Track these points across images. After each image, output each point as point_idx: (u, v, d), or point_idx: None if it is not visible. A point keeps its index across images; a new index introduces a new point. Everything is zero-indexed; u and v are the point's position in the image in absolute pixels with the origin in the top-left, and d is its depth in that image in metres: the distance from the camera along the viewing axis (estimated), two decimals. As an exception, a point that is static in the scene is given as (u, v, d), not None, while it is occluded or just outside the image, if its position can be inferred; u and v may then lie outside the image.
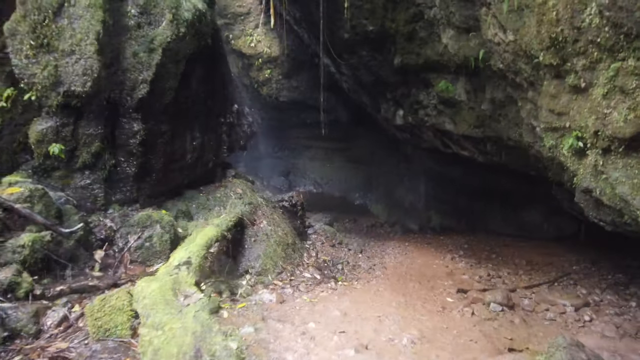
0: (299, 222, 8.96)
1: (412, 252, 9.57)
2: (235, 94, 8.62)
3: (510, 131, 6.97)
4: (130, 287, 3.13)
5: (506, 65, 6.14)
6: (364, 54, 9.13)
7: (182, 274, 3.20)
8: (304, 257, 7.13)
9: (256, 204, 6.77)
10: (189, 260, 3.54)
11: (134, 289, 3.12)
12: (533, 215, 10.35)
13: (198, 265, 3.66)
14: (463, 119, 7.94)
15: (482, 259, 8.63)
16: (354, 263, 7.69)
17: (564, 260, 8.20)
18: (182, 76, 5.71)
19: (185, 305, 2.67)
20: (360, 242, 11.07)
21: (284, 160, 18.71)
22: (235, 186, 6.63)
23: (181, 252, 3.83)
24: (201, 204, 6.06)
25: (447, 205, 12.07)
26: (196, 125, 6.14)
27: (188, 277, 3.17)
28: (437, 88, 7.97)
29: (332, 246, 9.19)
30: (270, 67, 11.65)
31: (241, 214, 5.72)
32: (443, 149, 9.83)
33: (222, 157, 7.03)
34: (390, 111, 10.09)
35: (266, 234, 6.14)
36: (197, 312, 2.60)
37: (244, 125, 8.54)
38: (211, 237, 4.37)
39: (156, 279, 3.13)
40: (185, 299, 2.76)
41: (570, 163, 4.97)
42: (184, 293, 2.82)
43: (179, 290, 2.85)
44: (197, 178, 6.37)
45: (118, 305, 2.88)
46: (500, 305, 5.02)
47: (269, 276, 5.64)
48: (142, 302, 2.86)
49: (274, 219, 6.90)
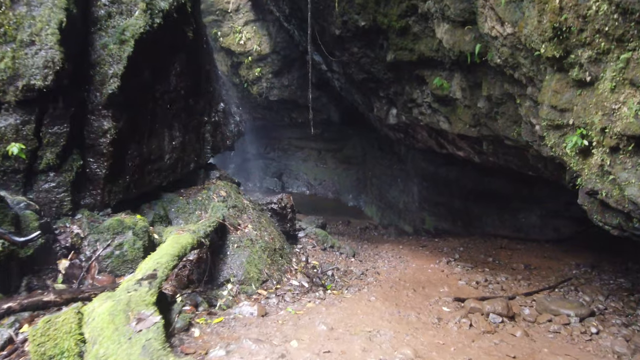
0: (289, 225, 8.54)
1: (406, 256, 9.18)
2: (222, 92, 8.18)
3: (507, 130, 6.60)
4: (82, 306, 2.70)
5: (504, 60, 5.77)
6: (355, 51, 8.74)
7: (141, 290, 2.77)
8: (293, 263, 6.71)
9: (241, 207, 6.34)
10: (154, 274, 3.12)
11: (86, 308, 2.69)
12: (530, 217, 10.00)
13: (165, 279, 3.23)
14: (458, 117, 7.56)
15: (478, 263, 8.25)
16: (345, 268, 7.28)
17: (562, 264, 7.84)
18: (159, 71, 5.28)
19: (137, 331, 2.25)
20: (353, 245, 10.67)
21: (276, 161, 18.30)
22: (219, 189, 6.20)
23: (149, 262, 3.41)
24: (181, 208, 5.63)
25: (441, 207, 11.70)
26: (176, 124, 5.70)
27: (147, 295, 2.74)
28: (432, 85, 7.59)
29: (324, 250, 8.78)
30: (260, 65, 11.23)
31: (223, 219, 5.29)
32: (438, 149, 9.45)
33: (205, 158, 6.59)
34: (383, 110, 9.70)
35: (251, 240, 5.71)
36: (148, 340, 2.18)
37: (231, 125, 8.11)
38: (185, 245, 3.94)
39: (111, 297, 2.71)
40: (138, 323, 2.34)
41: (574, 163, 4.60)
42: (138, 315, 2.39)
43: (132, 312, 2.42)
44: (178, 180, 5.93)
45: (65, 329, 2.44)
46: (500, 316, 4.63)
47: (253, 285, 5.21)
48: (91, 325, 2.43)
49: (260, 223, 6.47)
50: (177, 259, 3.66)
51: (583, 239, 9.24)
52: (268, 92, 11.66)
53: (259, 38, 10.94)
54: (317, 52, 10.34)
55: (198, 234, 4.38)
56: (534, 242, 9.66)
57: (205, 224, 4.66)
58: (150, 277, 3.07)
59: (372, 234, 13.20)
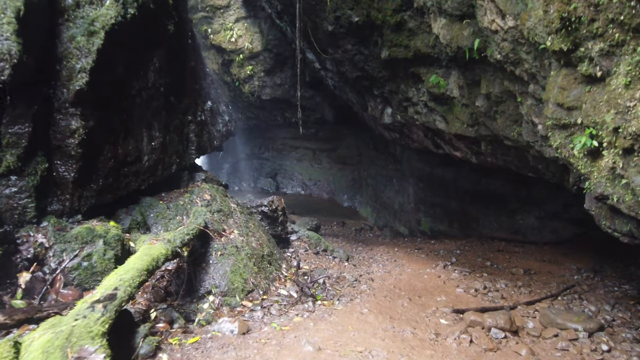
0: (280, 228, 8.11)
1: (401, 259, 8.76)
2: (209, 90, 7.73)
3: (507, 130, 6.19)
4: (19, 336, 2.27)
5: (504, 56, 5.36)
6: (349, 48, 8.30)
7: (90, 318, 2.32)
8: (282, 269, 6.28)
9: (227, 211, 5.90)
10: (114, 294, 2.68)
11: (26, 338, 2.26)
12: (528, 219, 9.60)
13: (127, 300, 2.79)
14: (456, 116, 7.14)
15: (476, 267, 7.85)
16: (338, 274, 6.86)
17: (563, 268, 7.45)
18: (135, 66, 4.82)
19: (73, 374, 1.84)
20: (347, 247, 10.25)
21: (271, 162, 17.84)
22: (203, 192, 5.75)
23: (112, 279, 2.98)
24: (160, 213, 5.17)
25: (438, 208, 11.30)
26: (155, 123, 5.25)
27: (96, 325, 2.29)
28: (428, 83, 7.17)
29: (316, 254, 8.35)
30: (251, 63, 10.77)
31: (205, 225, 4.84)
32: (434, 149, 9.04)
33: (189, 159, 6.14)
34: (378, 109, 9.28)
35: (236, 247, 5.27)
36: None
37: (219, 125, 7.65)
38: (157, 257, 3.51)
39: (55, 325, 2.27)
40: (77, 363, 1.91)
41: (581, 165, 4.20)
42: (79, 353, 1.97)
43: (72, 349, 1.99)
44: (158, 183, 5.48)
45: (-4, 366, 2.02)
46: (502, 331, 4.21)
47: (237, 296, 4.78)
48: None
49: (248, 228, 6.03)
50: (145, 274, 3.22)
51: (582, 242, 8.87)
52: (260, 91, 11.21)
53: (250, 35, 10.48)
54: (310, 49, 9.90)
55: (173, 243, 3.94)
56: (532, 245, 9.28)
57: (183, 232, 4.22)
58: (108, 298, 2.63)
59: (367, 236, 12.78)
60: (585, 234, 9.02)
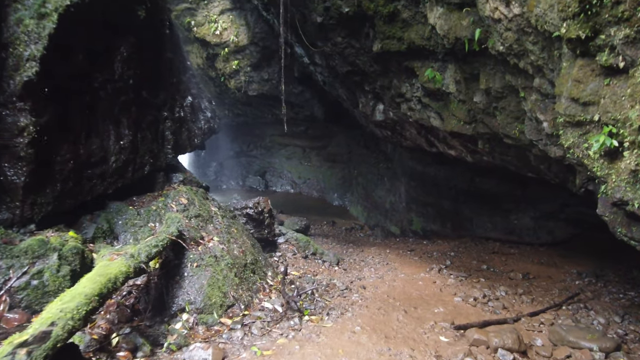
0: (267, 231, 7.55)
1: (393, 262, 8.27)
2: (190, 85, 7.10)
3: (508, 127, 5.70)
4: None
5: (508, 47, 4.85)
6: (339, 41, 7.73)
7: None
8: (268, 277, 5.73)
9: (207, 216, 5.31)
10: (48, 332, 2.10)
11: None
12: (523, 219, 9.19)
13: (66, 337, 2.22)
14: (452, 113, 6.64)
15: (472, 271, 7.39)
16: (328, 281, 6.33)
17: (563, 272, 7.02)
18: (97, 55, 4.20)
19: None
20: (337, 249, 9.73)
21: (260, 159, 17.21)
22: (180, 195, 5.15)
23: (52, 309, 2.40)
24: (130, 220, 4.57)
25: (430, 208, 10.83)
26: (124, 119, 4.64)
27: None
28: (422, 78, 6.65)
29: (305, 258, 7.82)
30: (237, 57, 10.13)
31: (178, 233, 4.26)
32: (428, 148, 8.55)
33: (165, 159, 5.53)
34: (369, 106, 8.74)
35: (215, 256, 4.70)
36: None
37: (200, 122, 7.04)
38: (114, 277, 2.93)
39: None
40: None
41: (597, 167, 3.72)
42: None
43: None
44: (128, 186, 4.87)
45: None
46: (510, 352, 3.72)
47: (215, 313, 4.21)
48: None
49: (230, 234, 5.46)
50: (97, 301, 2.64)
51: (579, 243, 8.47)
52: (247, 87, 10.57)
53: (236, 28, 9.84)
54: (299, 43, 9.31)
55: (137, 258, 3.35)
56: (528, 246, 8.87)
57: (149, 244, 3.63)
58: (39, 339, 2.05)
59: (357, 236, 12.27)
60: (581, 234, 8.62)
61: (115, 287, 2.97)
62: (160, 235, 3.92)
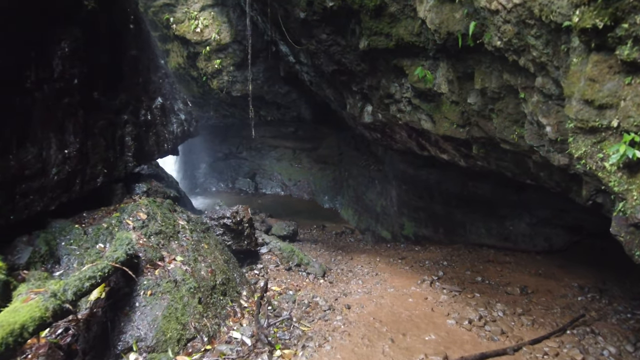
0: (247, 242, 6.88)
1: (383, 272, 7.64)
2: (163, 84, 6.42)
3: (505, 131, 5.07)
4: None
5: (506, 42, 4.21)
6: (323, 38, 7.07)
7: None
8: (242, 298, 5.07)
9: (171, 232, 4.64)
10: None
11: None
12: (518, 225, 8.58)
13: None
14: (444, 115, 6.00)
15: (465, 283, 6.78)
16: (310, 299, 5.69)
17: (563, 285, 6.42)
18: (26, 49, 3.51)
19: None
20: (326, 257, 9.09)
21: (249, 161, 16.52)
22: (139, 209, 4.47)
23: None
24: (75, 241, 3.89)
25: (422, 212, 10.21)
26: (70, 125, 3.96)
27: None
28: (412, 77, 6.01)
29: (288, 270, 7.16)
30: (220, 56, 9.43)
31: (126, 258, 3.58)
32: (419, 151, 7.91)
33: (125, 168, 4.85)
34: (357, 107, 8.08)
35: (175, 281, 4.03)
36: None
37: (173, 125, 6.35)
38: (18, 329, 2.26)
39: None
40: None
41: (615, 182, 3.10)
42: None
43: None
44: (78, 201, 4.20)
45: None
46: (513, 399, 3.09)
47: (170, 350, 3.55)
48: None
49: (198, 251, 4.79)
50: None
51: (578, 252, 7.87)
52: (230, 87, 9.88)
53: (218, 25, 9.14)
54: (283, 41, 8.63)
55: (61, 297, 2.68)
56: (524, 254, 8.26)
57: (82, 277, 2.96)
58: None
59: (347, 241, 11.64)
60: (580, 242, 8.02)
61: (21, 340, 2.30)
62: (100, 264, 3.24)
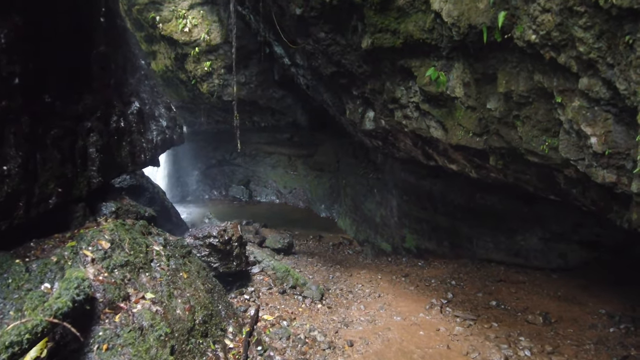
0: (236, 263, 6.00)
1: (386, 293, 6.80)
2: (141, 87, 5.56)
3: (533, 142, 4.25)
4: None
5: (543, 36, 3.41)
6: (321, 36, 6.25)
7: None
8: (228, 336, 4.19)
9: (141, 262, 3.76)
10: None
11: None
12: (530, 239, 7.78)
13: None
14: (457, 123, 5.18)
15: (479, 308, 5.96)
16: (307, 333, 4.82)
17: (589, 312, 5.61)
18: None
19: None
20: (323, 273, 8.21)
21: (243, 168, 15.63)
22: (101, 235, 3.59)
23: None
24: (13, 281, 3.00)
25: (425, 224, 9.38)
26: (9, 135, 3.09)
27: None
28: (422, 80, 5.20)
29: (282, 293, 6.29)
30: (210, 58, 8.59)
31: (72, 307, 2.70)
32: (424, 160, 7.10)
33: (87, 186, 3.96)
34: (358, 112, 7.26)
35: (140, 328, 3.15)
36: None
37: (152, 132, 5.48)
38: None
39: None
40: None
41: None
42: None
43: None
44: (22, 228, 3.32)
45: None
46: None
47: None
48: None
49: (174, 283, 3.91)
50: None
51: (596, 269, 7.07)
52: (221, 91, 9.03)
53: (207, 25, 8.30)
54: (277, 41, 7.81)
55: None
56: (537, 271, 7.47)
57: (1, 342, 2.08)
58: None
59: (346, 253, 10.78)
60: (598, 259, 7.22)
61: None
62: (31, 321, 2.36)
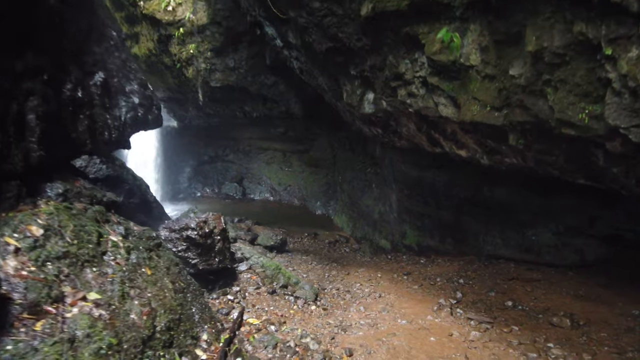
0: (218, 259, 5.16)
1: (388, 293, 6.00)
2: (110, 58, 4.74)
3: (569, 110, 3.48)
4: None
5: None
6: (316, 6, 5.47)
7: None
8: (200, 345, 3.37)
9: (88, 254, 2.93)
10: None
11: None
12: (543, 234, 7.02)
13: None
14: (472, 96, 4.41)
15: (494, 309, 5.18)
16: (298, 341, 4.01)
17: (619, 313, 4.85)
18: None
19: None
20: (318, 271, 7.39)
21: (237, 164, 14.78)
22: (32, 220, 2.77)
23: None
24: None
25: (427, 220, 8.61)
26: None
27: None
28: (431, 47, 4.42)
29: (272, 293, 5.46)
30: (195, 40, 7.77)
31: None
32: (429, 148, 6.31)
33: (22, 160, 3.14)
34: (356, 95, 6.47)
35: (71, 339, 2.33)
36: None
37: (120, 109, 4.66)
38: None
39: None
40: None
41: None
42: None
43: None
44: None
45: None
46: None
47: None
48: None
49: (132, 281, 3.08)
50: None
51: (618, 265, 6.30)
52: (208, 76, 8.21)
53: (192, 3, 7.49)
54: (268, 20, 7.03)
55: None
56: (552, 268, 6.70)
57: None
58: None
59: (342, 251, 9.95)
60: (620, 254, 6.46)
61: None
62: None
